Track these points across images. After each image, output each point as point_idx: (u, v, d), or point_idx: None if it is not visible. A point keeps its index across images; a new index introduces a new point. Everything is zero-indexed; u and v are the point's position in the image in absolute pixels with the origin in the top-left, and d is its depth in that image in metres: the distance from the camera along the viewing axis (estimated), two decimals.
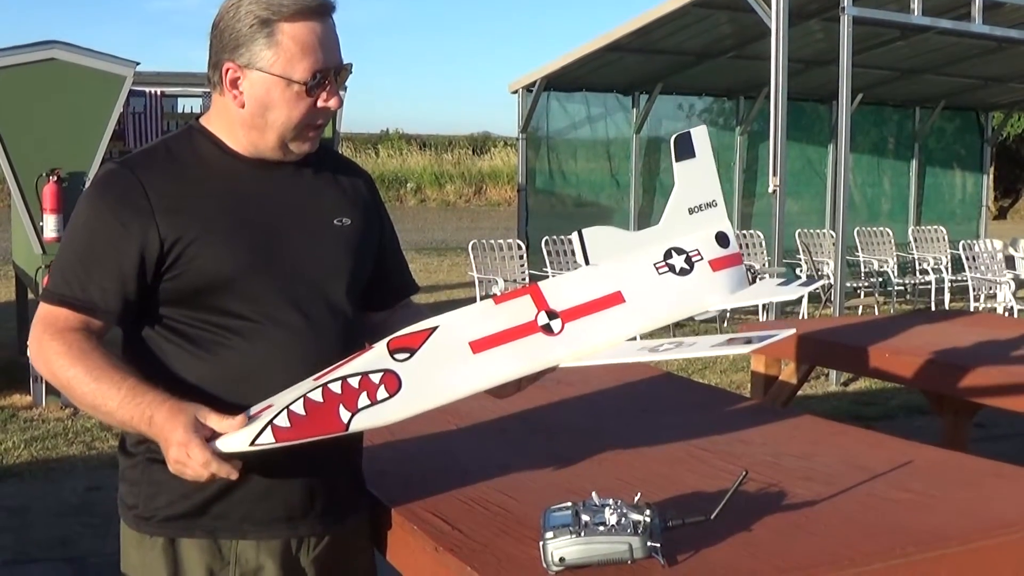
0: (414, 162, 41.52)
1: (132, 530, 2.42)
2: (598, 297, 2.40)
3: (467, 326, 2.33)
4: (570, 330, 2.36)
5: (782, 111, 9.92)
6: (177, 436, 2.14)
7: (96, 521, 6.14)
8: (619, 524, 2.08)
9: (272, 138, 2.36)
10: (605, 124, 15.39)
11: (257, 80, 2.31)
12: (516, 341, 2.33)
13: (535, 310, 2.36)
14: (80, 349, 2.24)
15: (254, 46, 2.29)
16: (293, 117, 2.33)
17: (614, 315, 2.39)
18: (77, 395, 2.24)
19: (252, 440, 2.16)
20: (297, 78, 2.30)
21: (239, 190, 2.39)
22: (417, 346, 2.28)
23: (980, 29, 10.89)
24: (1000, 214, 33.77)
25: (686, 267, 2.48)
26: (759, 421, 3.44)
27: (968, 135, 17.91)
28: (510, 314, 2.35)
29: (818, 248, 14.50)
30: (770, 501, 2.53)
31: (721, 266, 2.53)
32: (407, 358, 2.27)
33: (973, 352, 5.19)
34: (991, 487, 2.73)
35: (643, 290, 2.43)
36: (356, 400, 2.21)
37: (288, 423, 2.17)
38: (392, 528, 2.53)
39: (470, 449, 3.08)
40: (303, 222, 2.44)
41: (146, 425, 2.19)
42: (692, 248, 2.51)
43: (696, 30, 12.81)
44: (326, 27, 2.33)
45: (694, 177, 2.60)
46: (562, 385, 3.73)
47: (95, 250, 2.28)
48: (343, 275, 2.46)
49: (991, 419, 6.77)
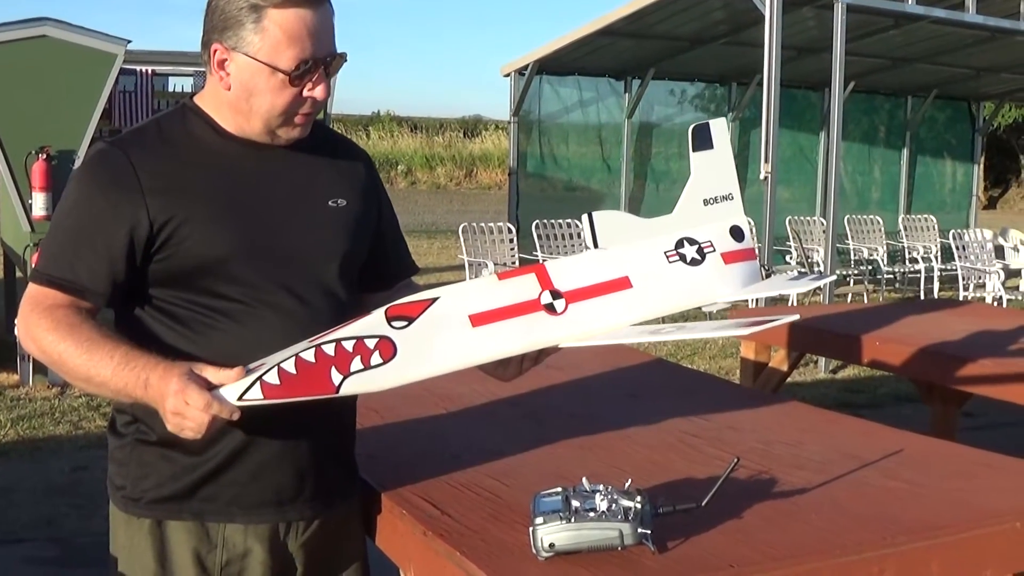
0: (405, 144, 41.50)
1: (120, 511, 2.40)
2: (604, 281, 2.37)
3: (469, 299, 2.30)
4: (573, 311, 2.33)
5: (774, 98, 9.92)
6: (172, 386, 2.10)
7: (82, 501, 6.14)
8: (609, 510, 2.08)
9: (257, 124, 2.34)
10: (597, 108, 15.37)
11: (243, 64, 2.28)
12: (517, 318, 2.30)
13: (539, 289, 2.33)
14: (69, 323, 2.21)
15: (242, 30, 2.26)
16: (277, 105, 2.30)
17: (619, 300, 2.36)
18: (69, 368, 2.21)
19: (240, 395, 2.13)
20: (282, 67, 2.26)
21: (232, 171, 2.36)
22: (416, 315, 2.25)
23: (973, 19, 10.91)
24: (990, 204, 33.80)
25: (697, 258, 2.44)
26: (749, 408, 3.44)
27: (959, 125, 17.94)
28: (513, 291, 2.32)
29: (808, 236, 14.50)
30: (761, 488, 2.53)
31: (734, 260, 2.49)
32: (405, 326, 2.24)
33: (962, 341, 5.19)
34: (981, 477, 2.73)
35: (651, 277, 2.40)
36: (349, 363, 2.18)
37: (278, 380, 2.14)
38: (382, 513, 2.52)
39: (460, 434, 3.07)
40: (297, 204, 2.41)
41: (142, 389, 2.15)
42: (705, 239, 2.47)
43: (689, 15, 12.80)
44: (318, 15, 2.28)
45: (710, 168, 2.57)
46: (552, 370, 3.72)
47: (84, 231, 2.26)
48: (337, 257, 2.43)
49: (980, 408, 6.78)
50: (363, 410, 2.60)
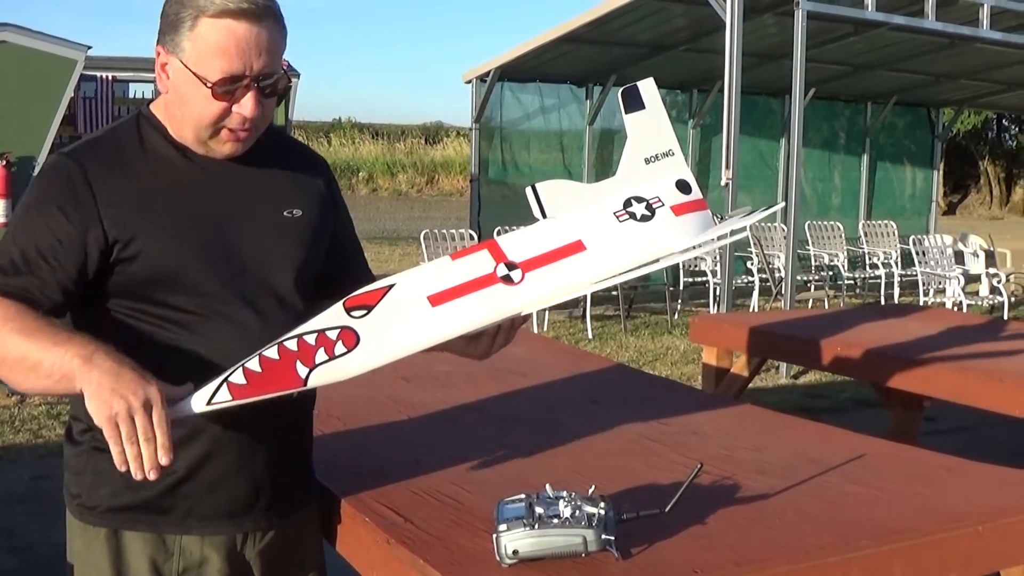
0: (366, 151, 41.52)
1: (76, 519, 2.38)
2: (558, 247, 2.35)
3: (425, 281, 2.28)
4: (531, 279, 2.31)
5: (735, 105, 9.96)
6: (150, 391, 2.02)
7: (43, 510, 6.07)
8: (573, 517, 2.07)
9: (188, 133, 2.30)
10: (559, 115, 15.37)
11: (177, 70, 2.25)
12: (476, 292, 2.28)
13: (493, 263, 2.31)
14: (15, 310, 2.14)
15: (179, 35, 2.22)
16: (204, 117, 2.25)
17: (575, 262, 2.34)
18: (6, 352, 2.12)
19: (209, 399, 2.10)
20: (207, 77, 2.21)
21: (185, 181, 2.33)
22: (374, 303, 2.24)
23: (933, 26, 10.97)
24: (950, 210, 34.11)
25: (647, 214, 2.43)
26: (711, 413, 3.44)
27: (919, 131, 18.05)
28: (468, 268, 2.31)
29: (769, 241, 14.58)
30: (724, 494, 2.53)
31: (684, 211, 2.47)
32: (364, 314, 2.22)
33: (922, 346, 5.23)
34: (943, 480, 2.75)
35: (604, 237, 2.38)
36: (313, 356, 2.16)
37: (244, 380, 2.11)
38: (343, 520, 2.50)
39: (422, 440, 3.05)
40: (251, 214, 2.38)
41: (84, 360, 2.05)
42: (652, 195, 2.47)
43: (650, 22, 12.82)
44: (252, 31, 2.21)
45: (646, 128, 2.59)
46: (515, 376, 3.72)
47: (37, 242, 2.22)
48: (291, 268, 2.41)
49: (940, 413, 6.82)
50: (324, 416, 2.59)
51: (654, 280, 13.99)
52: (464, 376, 3.68)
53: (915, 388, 4.95)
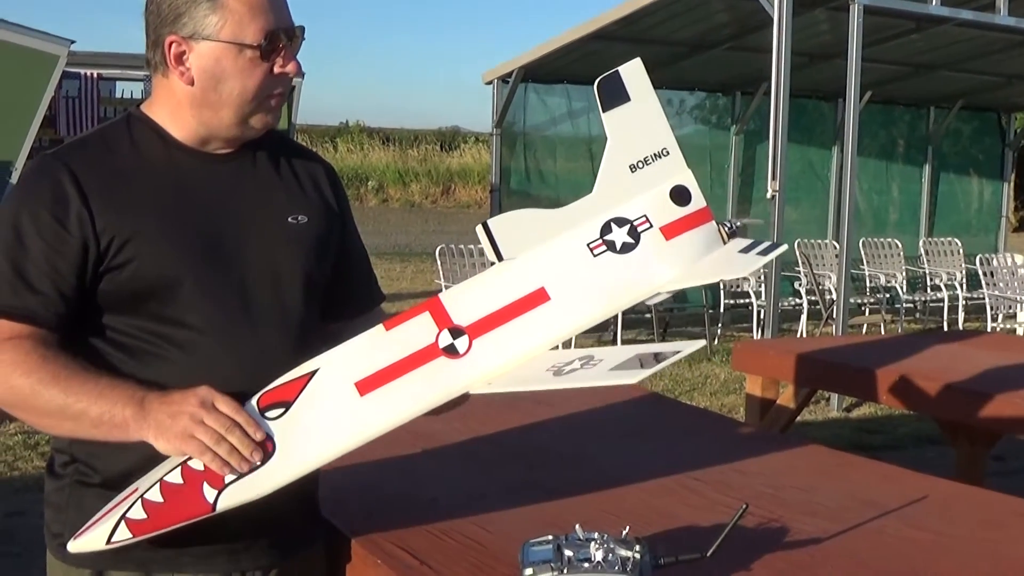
0: (376, 158, 41.57)
1: (58, 561, 2.37)
2: (515, 300, 2.20)
3: (353, 363, 2.20)
4: (479, 347, 2.19)
5: (783, 109, 9.94)
6: (201, 392, 2.16)
7: (17, 550, 6.09)
8: (606, 560, 2.07)
9: (228, 115, 2.33)
10: (588, 120, 15.34)
11: (205, 51, 2.29)
12: (412, 372, 2.18)
13: (435, 329, 2.21)
14: (41, 355, 2.20)
15: (196, 13, 2.27)
16: (249, 87, 2.31)
17: (535, 318, 2.19)
18: (42, 403, 2.19)
19: (108, 538, 2.09)
20: (249, 41, 2.27)
21: (182, 185, 2.36)
22: (292, 398, 2.17)
23: (1005, 21, 10.93)
24: (1021, 226, 33.95)
25: (630, 241, 2.25)
26: (756, 449, 3.44)
27: (987, 138, 17.97)
28: (405, 339, 2.21)
29: (819, 260, 14.53)
30: (771, 538, 2.53)
31: (679, 230, 2.27)
32: (281, 414, 2.17)
33: (991, 377, 5.20)
34: (1013, 526, 2.74)
35: (573, 281, 2.21)
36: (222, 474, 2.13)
37: (144, 514, 2.09)
38: (352, 562, 2.52)
39: (439, 475, 3.07)
40: (253, 220, 2.40)
41: (136, 406, 2.16)
42: (637, 215, 2.28)
43: (689, 18, 12.81)
44: None
45: (632, 126, 2.39)
46: (540, 405, 3.72)
47: (28, 252, 2.24)
48: (298, 279, 2.42)
49: (1011, 451, 6.79)
50: None
51: (692, 302, 13.98)
52: (484, 405, 3.68)
53: (983, 423, 4.93)
